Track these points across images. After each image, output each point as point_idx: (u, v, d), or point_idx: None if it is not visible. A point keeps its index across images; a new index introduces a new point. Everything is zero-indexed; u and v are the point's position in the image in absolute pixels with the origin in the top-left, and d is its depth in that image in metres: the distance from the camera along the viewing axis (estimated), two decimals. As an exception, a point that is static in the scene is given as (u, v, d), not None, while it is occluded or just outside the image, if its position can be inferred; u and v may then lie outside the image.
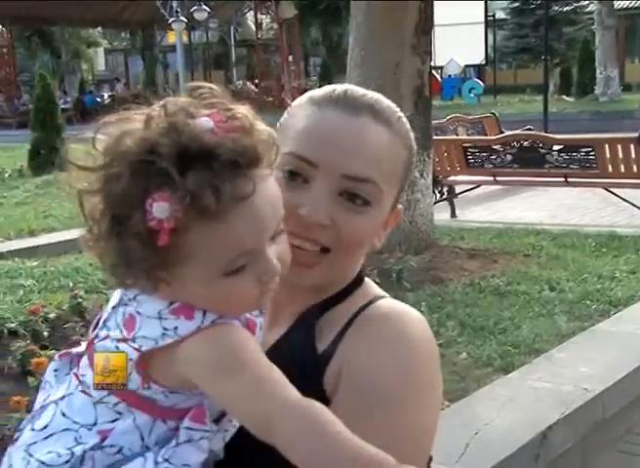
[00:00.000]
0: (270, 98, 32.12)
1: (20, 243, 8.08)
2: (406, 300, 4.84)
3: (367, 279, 1.18)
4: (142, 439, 0.97)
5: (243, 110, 0.93)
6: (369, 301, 1.11)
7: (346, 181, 1.04)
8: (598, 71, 27.15)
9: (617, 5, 30.52)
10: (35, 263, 6.68)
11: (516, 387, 3.87)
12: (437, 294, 5.42)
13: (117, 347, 0.95)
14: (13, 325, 4.54)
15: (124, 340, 0.95)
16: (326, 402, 1.02)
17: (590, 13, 30.71)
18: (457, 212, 9.16)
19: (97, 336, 1.00)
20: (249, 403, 0.90)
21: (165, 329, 0.93)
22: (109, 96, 40.40)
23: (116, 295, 1.01)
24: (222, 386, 0.91)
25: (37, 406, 1.04)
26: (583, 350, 4.37)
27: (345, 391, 1.03)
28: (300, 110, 1.10)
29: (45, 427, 0.99)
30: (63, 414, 0.99)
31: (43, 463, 0.96)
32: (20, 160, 14.63)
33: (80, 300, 4.98)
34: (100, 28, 42.52)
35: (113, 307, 0.99)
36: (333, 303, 1.12)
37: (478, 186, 9.79)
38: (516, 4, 35.20)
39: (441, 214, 8.03)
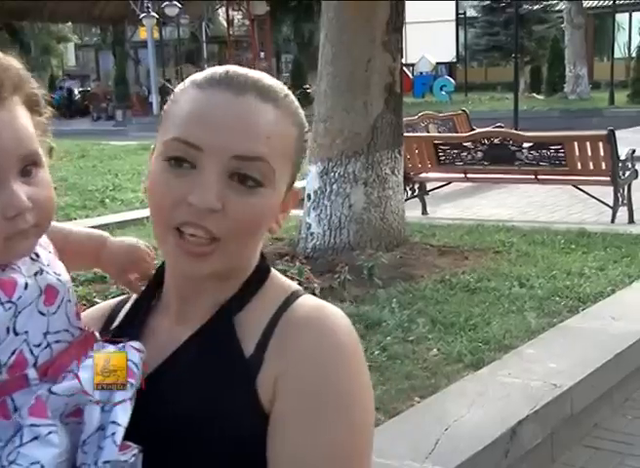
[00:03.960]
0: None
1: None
2: (377, 297, 4.87)
3: (272, 269, 1.14)
4: None
5: None
6: (286, 299, 1.08)
7: (236, 162, 1.00)
8: (568, 69, 27.39)
9: (585, 4, 30.84)
10: None
11: (486, 383, 3.89)
12: (408, 291, 5.44)
13: None
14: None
15: None
16: (259, 406, 1.01)
17: (560, 11, 30.94)
18: (428, 209, 9.21)
19: None
20: None
21: None
22: (80, 92, 40.09)
23: None
24: None
25: None
26: (553, 346, 4.41)
27: (288, 402, 1.01)
28: (182, 95, 1.05)
29: None
30: None
31: None
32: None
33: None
34: (70, 23, 42.12)
35: None
36: (246, 298, 1.08)
37: (449, 183, 9.83)
38: (487, 2, 35.34)
39: (412, 212, 8.06)
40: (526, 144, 8.71)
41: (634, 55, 27.64)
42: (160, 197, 1.01)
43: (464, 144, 9.06)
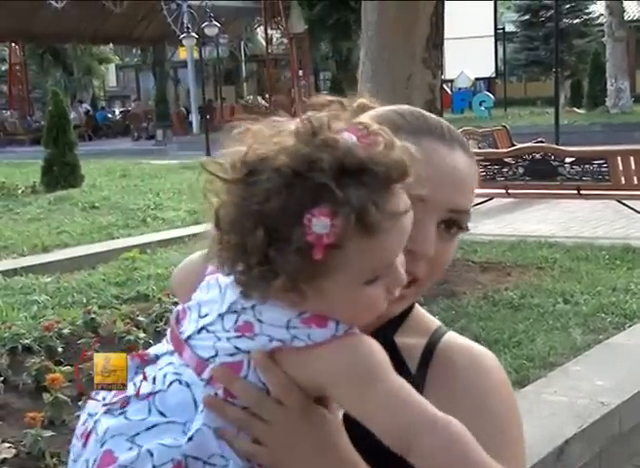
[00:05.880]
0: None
1: (34, 259, 8.10)
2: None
3: None
4: None
5: (375, 124, 0.93)
6: (435, 331, 1.16)
7: (449, 214, 1.09)
8: (609, 83, 27.11)
9: (627, 16, 30.52)
10: (49, 279, 6.70)
11: (532, 401, 3.84)
12: (451, 308, 5.41)
13: (236, 347, 0.94)
14: (27, 341, 4.56)
15: (241, 338, 0.94)
16: None
17: (600, 25, 30.71)
18: (469, 225, 9.14)
19: (190, 337, 0.97)
20: (387, 415, 0.90)
21: (294, 336, 0.93)
22: (120, 112, 40.66)
23: (210, 299, 0.99)
24: (358, 396, 0.91)
25: (114, 398, 0.98)
26: (599, 363, 4.35)
27: None
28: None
29: (144, 419, 0.95)
30: (161, 413, 0.95)
31: (152, 455, 0.92)
32: (33, 176, 14.67)
33: (93, 316, 4.99)
34: (111, 45, 42.77)
35: (220, 314, 0.97)
36: (398, 321, 1.14)
37: (490, 199, 9.77)
38: (526, 17, 35.28)
39: (453, 228, 8.00)
40: (568, 159, 8.64)
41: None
42: None
43: (505, 160, 9.01)
